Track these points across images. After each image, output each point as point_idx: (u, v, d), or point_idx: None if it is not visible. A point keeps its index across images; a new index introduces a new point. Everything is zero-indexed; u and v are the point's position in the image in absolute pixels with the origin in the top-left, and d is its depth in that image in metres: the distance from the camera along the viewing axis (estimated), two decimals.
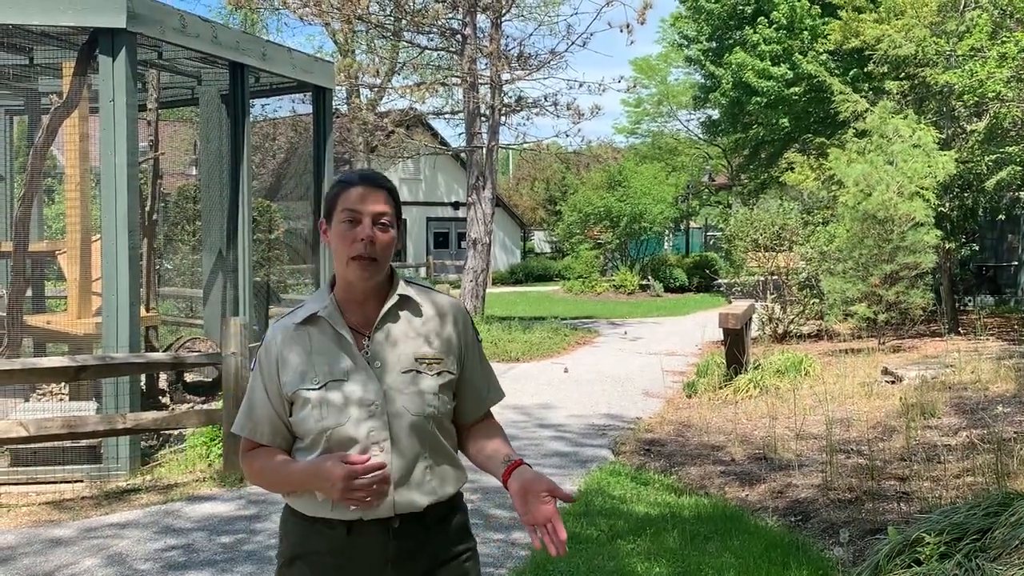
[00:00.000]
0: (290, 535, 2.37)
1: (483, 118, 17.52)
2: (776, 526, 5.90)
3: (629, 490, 6.78)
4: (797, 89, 23.39)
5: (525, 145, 20.27)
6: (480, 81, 17.40)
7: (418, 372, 2.32)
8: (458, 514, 2.41)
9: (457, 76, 18.02)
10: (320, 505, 2.28)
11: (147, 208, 10.82)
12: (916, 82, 14.95)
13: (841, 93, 15.73)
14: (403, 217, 2.42)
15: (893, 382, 9.78)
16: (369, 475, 2.19)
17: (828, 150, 15.89)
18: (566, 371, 13.17)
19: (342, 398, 2.27)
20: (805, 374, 10.74)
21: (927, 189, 12.78)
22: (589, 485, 6.88)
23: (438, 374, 2.34)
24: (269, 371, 2.36)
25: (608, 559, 5.29)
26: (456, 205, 38.61)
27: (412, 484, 2.29)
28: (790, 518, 6.06)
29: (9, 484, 7.10)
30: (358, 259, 2.27)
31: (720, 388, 10.68)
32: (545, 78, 18.53)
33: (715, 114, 31.36)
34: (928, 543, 4.43)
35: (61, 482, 7.18)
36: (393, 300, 2.35)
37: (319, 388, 2.29)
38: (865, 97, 16.26)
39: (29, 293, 10.52)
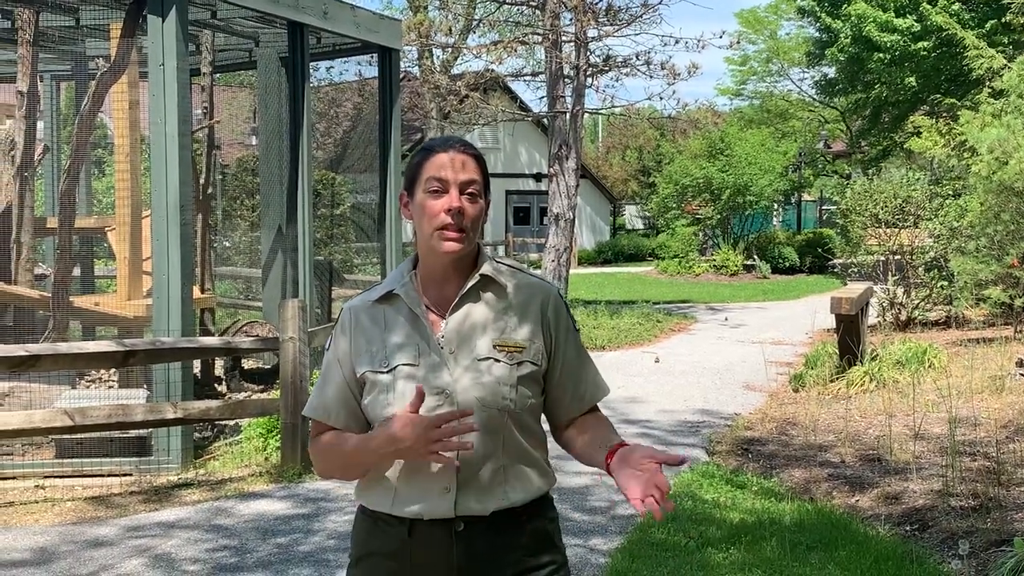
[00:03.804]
0: (358, 533, 2.42)
1: (567, 80, 17.46)
2: (888, 536, 5.83)
3: (723, 494, 6.75)
4: (925, 44, 22.85)
5: (614, 109, 20.17)
6: (564, 38, 17.34)
7: (496, 360, 2.31)
8: (540, 522, 2.38)
9: (538, 33, 18.00)
10: (383, 499, 2.32)
11: (201, 181, 11.08)
12: None
13: (975, 47, 15.30)
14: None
15: None
16: (449, 424, 2.17)
17: (959, 113, 15.49)
18: (657, 361, 13.13)
19: (410, 383, 2.28)
20: (929, 366, 10.54)
21: None
22: (679, 488, 6.86)
23: (518, 364, 2.32)
24: (343, 350, 2.40)
25: (697, 569, 5.29)
26: (538, 177, 38.61)
27: (478, 486, 2.28)
28: (905, 527, 5.98)
29: (54, 477, 7.36)
30: (444, 230, 2.28)
31: (831, 381, 10.54)
32: (636, 34, 18.40)
33: (831, 72, 30.84)
34: None
35: (108, 475, 7.41)
36: (475, 279, 2.36)
37: (388, 371, 2.32)
38: (1003, 52, 15.82)
39: (77, 272, 10.89)
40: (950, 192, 15.91)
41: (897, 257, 16.32)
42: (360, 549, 2.39)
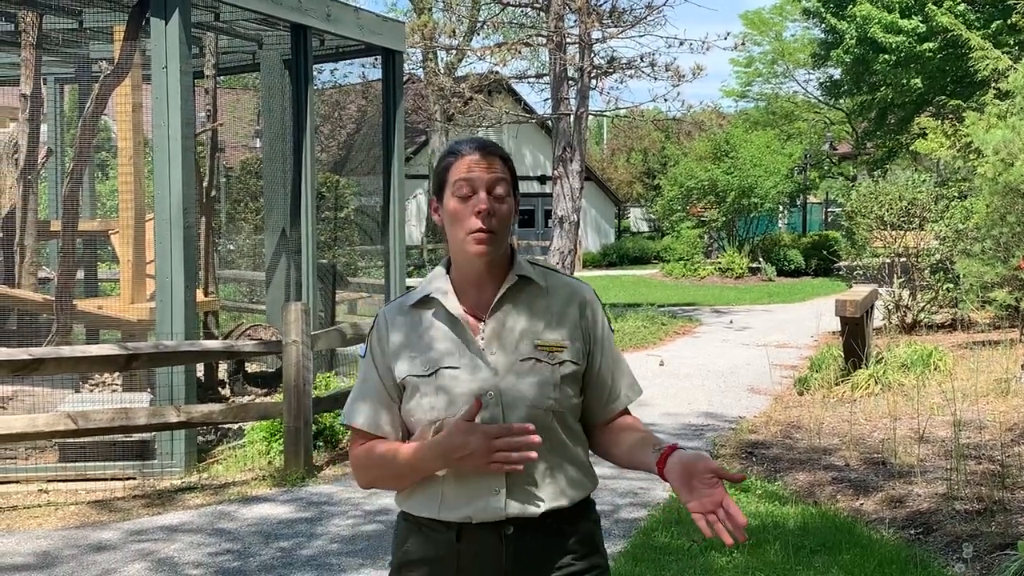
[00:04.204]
0: (399, 541, 2.40)
1: (571, 81, 17.46)
2: (893, 539, 5.82)
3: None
4: (931, 45, 22.85)
5: (619, 111, 20.19)
6: (568, 40, 17.34)
7: (537, 361, 2.31)
8: (586, 523, 2.38)
9: (542, 35, 18.00)
10: (429, 504, 2.30)
11: (205, 184, 11.10)
12: None
13: (980, 49, 15.29)
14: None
15: None
16: (512, 437, 2.16)
17: (964, 114, 15.48)
18: (662, 364, 13.12)
19: (453, 387, 2.28)
20: (934, 369, 10.52)
21: None
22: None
23: (560, 364, 2.32)
24: (380, 356, 2.39)
25: (700, 572, 5.29)
26: (543, 179, 38.64)
27: (528, 487, 2.28)
28: (909, 531, 5.97)
29: (57, 480, 7.38)
30: (475, 234, 2.28)
31: (836, 384, 10.53)
32: (641, 36, 18.38)
33: (837, 74, 30.85)
34: None
35: (112, 479, 7.43)
36: (512, 281, 2.35)
37: (429, 375, 2.31)
38: (1009, 53, 15.81)
39: (80, 276, 10.91)
40: (956, 194, 15.88)
41: (903, 259, 16.29)
42: (403, 556, 2.37)
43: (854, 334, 10.55)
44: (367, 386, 2.41)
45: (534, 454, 2.17)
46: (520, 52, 18.87)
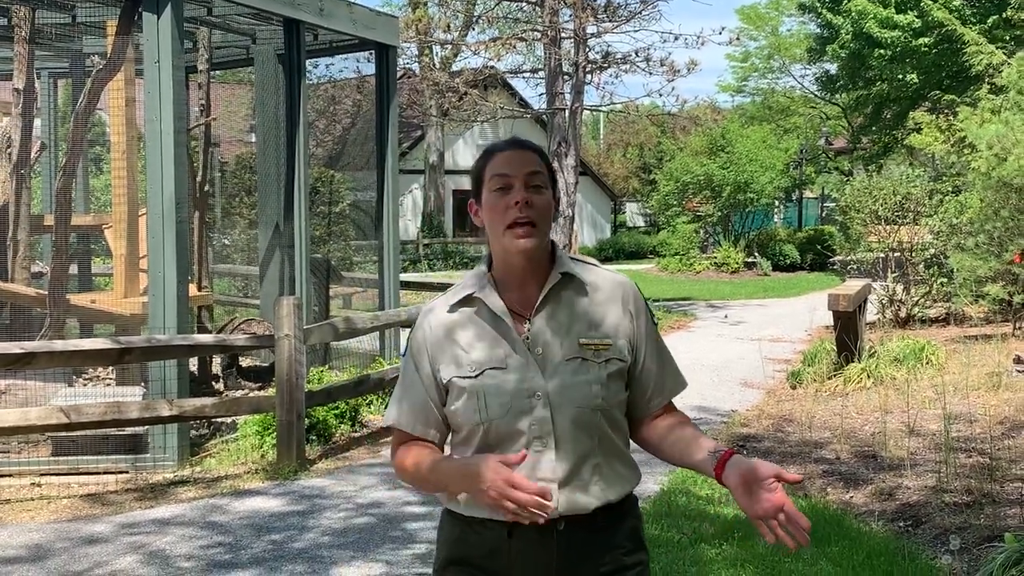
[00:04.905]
0: (445, 538, 2.40)
1: (566, 76, 17.49)
2: (882, 532, 5.86)
3: (718, 490, 6.76)
4: (926, 40, 22.85)
5: (614, 106, 20.20)
6: (563, 35, 17.37)
7: (584, 359, 2.30)
8: (630, 520, 2.39)
9: (537, 30, 18.02)
10: (478, 506, 2.28)
11: (198, 178, 11.10)
12: None
13: (974, 44, 15.33)
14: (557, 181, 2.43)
15: None
16: (530, 494, 2.12)
17: (958, 109, 15.52)
18: None
19: (500, 388, 2.28)
20: (927, 363, 10.56)
21: None
22: (672, 484, 6.89)
23: (606, 361, 2.31)
24: (421, 357, 2.38)
25: (689, 564, 5.32)
26: None
27: (579, 484, 2.28)
28: (898, 523, 6.01)
29: (50, 474, 7.39)
30: (514, 227, 2.26)
31: (829, 378, 10.56)
32: (636, 30, 18.38)
33: (833, 68, 30.86)
34: None
35: (104, 473, 7.45)
36: (556, 279, 2.34)
37: (475, 376, 2.30)
38: (1005, 48, 15.84)
39: (74, 270, 10.92)
40: (950, 189, 15.91)
41: (897, 254, 16.33)
42: (451, 553, 2.38)
43: (847, 328, 10.58)
44: (407, 386, 2.41)
45: (546, 517, 2.15)
46: (515, 47, 18.90)
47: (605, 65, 18.10)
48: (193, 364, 9.73)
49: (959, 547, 5.20)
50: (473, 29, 23.73)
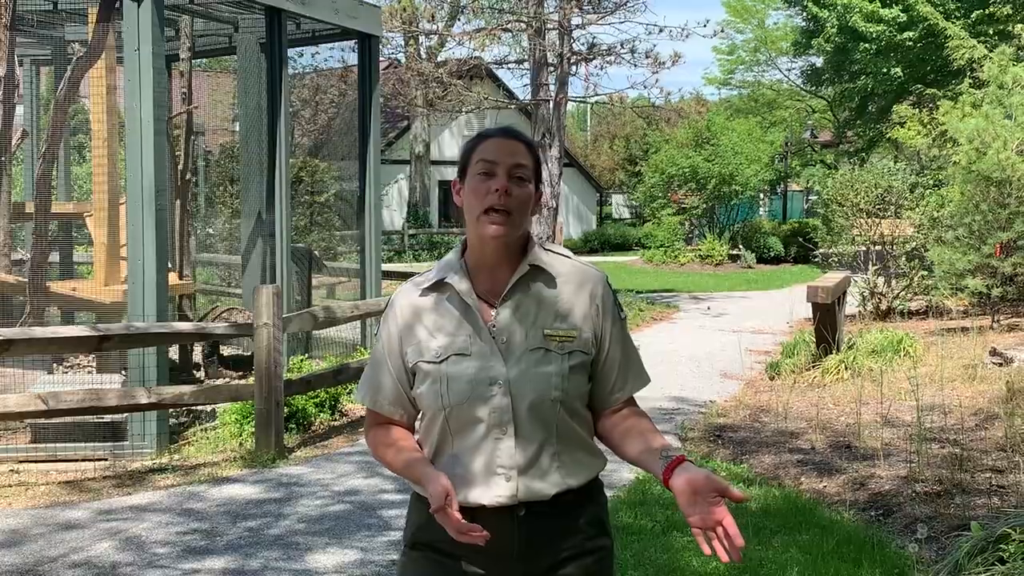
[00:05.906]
0: (412, 521, 2.44)
1: (551, 68, 17.51)
2: (853, 520, 5.92)
3: None
4: (911, 34, 22.93)
5: (598, 97, 20.24)
6: (548, 26, 17.39)
7: (547, 350, 2.33)
8: (592, 506, 2.42)
9: (522, 20, 18.02)
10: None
11: (180, 167, 11.09)
12: None
13: (956, 38, 15.40)
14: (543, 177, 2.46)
15: (1001, 364, 9.65)
16: (464, 525, 2.17)
17: (939, 103, 15.59)
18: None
19: (463, 375, 2.32)
20: (904, 355, 10.63)
21: None
22: (647, 473, 6.93)
23: (569, 353, 2.34)
24: (391, 339, 2.42)
25: (661, 552, 5.37)
26: None
27: (538, 472, 2.32)
28: (870, 512, 6.07)
29: (29, 461, 7.40)
30: (490, 213, 2.29)
31: (807, 370, 10.63)
32: (621, 22, 18.36)
33: (818, 62, 30.92)
34: (1013, 540, 4.44)
35: (83, 460, 7.46)
36: (524, 269, 2.36)
37: (439, 362, 2.34)
38: (987, 42, 15.92)
39: (55, 258, 10.90)
40: (931, 182, 15.99)
41: (878, 247, 16.41)
42: (417, 535, 2.42)
43: (825, 320, 10.65)
44: (378, 369, 2.46)
45: (483, 543, 2.19)
46: (500, 37, 18.93)
47: (590, 56, 18.12)
48: (174, 352, 9.74)
49: (927, 535, 5.25)
50: (459, 19, 23.73)
